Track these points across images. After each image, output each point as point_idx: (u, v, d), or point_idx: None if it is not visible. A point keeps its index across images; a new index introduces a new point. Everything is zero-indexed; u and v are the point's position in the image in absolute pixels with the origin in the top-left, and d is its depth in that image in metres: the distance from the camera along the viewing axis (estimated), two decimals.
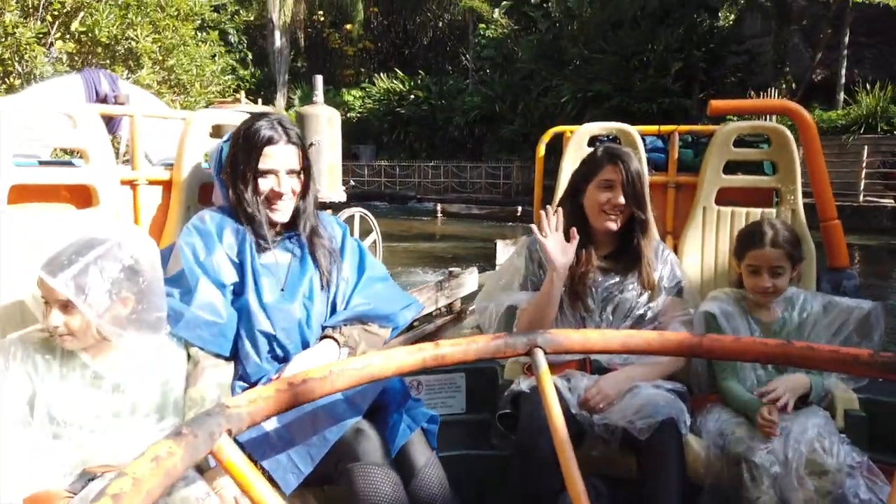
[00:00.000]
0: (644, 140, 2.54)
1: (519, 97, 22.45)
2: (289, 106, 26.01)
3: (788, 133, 2.36)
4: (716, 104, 2.34)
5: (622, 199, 1.89)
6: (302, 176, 1.75)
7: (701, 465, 1.73)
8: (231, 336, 1.66)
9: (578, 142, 2.56)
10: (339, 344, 1.68)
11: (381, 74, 27.01)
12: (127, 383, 1.54)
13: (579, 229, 1.87)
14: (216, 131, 2.29)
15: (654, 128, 2.64)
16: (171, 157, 2.26)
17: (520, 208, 18.33)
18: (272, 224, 1.74)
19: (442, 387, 2.31)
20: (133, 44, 5.69)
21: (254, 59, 29.27)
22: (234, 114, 2.36)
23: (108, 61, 5.76)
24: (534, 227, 1.87)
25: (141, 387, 1.56)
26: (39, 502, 1.40)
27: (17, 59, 4.99)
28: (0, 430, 1.43)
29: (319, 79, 6.47)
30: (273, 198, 1.72)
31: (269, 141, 1.69)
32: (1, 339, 1.59)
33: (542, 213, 1.85)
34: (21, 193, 1.82)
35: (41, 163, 1.99)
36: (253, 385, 1.64)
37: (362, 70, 30.04)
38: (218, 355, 1.64)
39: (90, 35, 5.45)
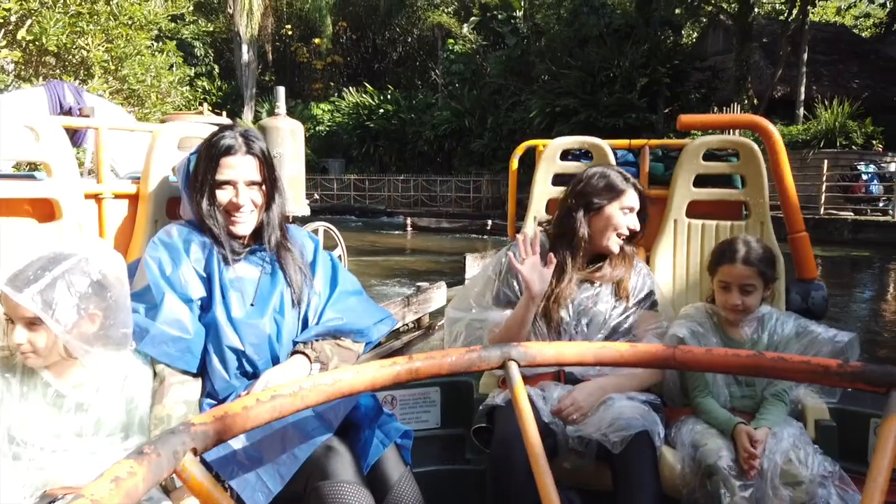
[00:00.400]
0: (615, 154, 2.56)
1: (488, 111, 22.64)
2: (256, 119, 25.79)
3: (756, 147, 2.40)
4: (685, 119, 2.35)
5: (638, 225, 1.96)
6: (264, 188, 1.71)
7: (676, 477, 1.72)
8: (198, 352, 1.62)
9: (551, 155, 2.58)
10: (310, 359, 1.64)
11: (351, 88, 27.00)
12: (90, 402, 1.50)
13: (567, 242, 1.88)
14: (181, 144, 2.26)
15: (624, 142, 2.66)
16: (138, 171, 2.23)
17: (490, 221, 18.42)
18: (235, 237, 1.71)
19: (416, 401, 2.29)
20: (84, 53, 5.57)
21: (220, 73, 29.04)
22: (202, 126, 2.34)
23: (57, 71, 5.63)
24: (510, 252, 1.87)
25: (105, 405, 1.51)
26: None
27: None
28: None
29: (282, 90, 6.38)
30: (231, 209, 1.68)
31: (228, 151, 1.66)
32: None
33: (519, 237, 1.85)
34: None
35: (2, 176, 1.96)
36: (221, 402, 1.62)
37: (331, 84, 29.99)
38: (185, 372, 1.60)
39: (38, 44, 5.32)
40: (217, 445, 0.69)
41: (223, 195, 1.67)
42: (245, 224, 1.70)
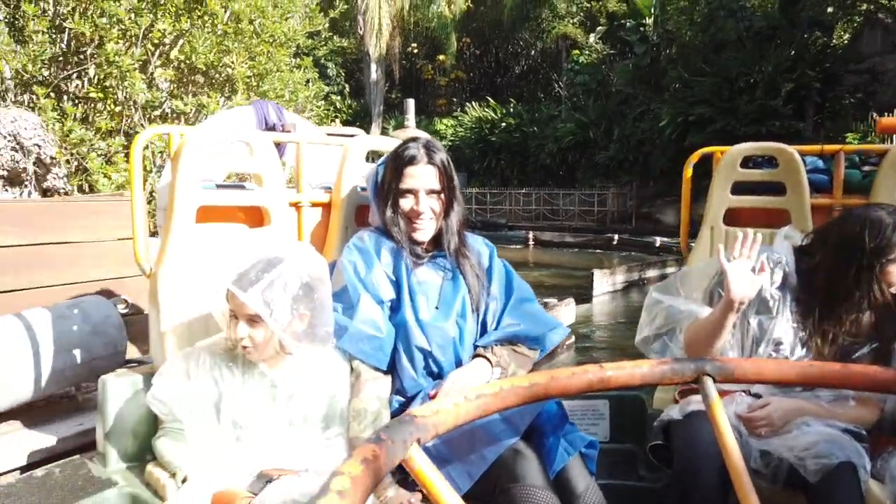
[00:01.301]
0: (804, 160, 2.38)
1: (614, 122, 21.85)
2: (383, 135, 26.46)
3: None
4: (885, 122, 2.08)
5: None
6: (443, 196, 1.80)
7: None
8: (389, 351, 1.72)
9: (731, 162, 2.44)
10: (491, 364, 1.69)
11: (473, 103, 27.08)
12: (299, 394, 1.64)
13: (845, 298, 1.70)
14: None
15: (816, 147, 2.46)
16: (326, 181, 2.44)
17: (616, 236, 17.67)
18: (416, 242, 1.81)
19: (585, 413, 2.25)
20: (230, 70, 5.69)
21: (351, 92, 30.13)
22: (389, 140, 2.52)
23: (206, 88, 5.81)
24: (720, 246, 1.74)
25: (311, 397, 1.64)
26: (224, 500, 1.48)
27: (119, 85, 5.07)
28: (196, 428, 1.57)
29: (411, 102, 6.35)
30: (412, 216, 1.79)
31: (411, 161, 1.77)
32: (189, 346, 1.74)
33: (741, 233, 1.70)
34: (202, 213, 1.98)
35: (218, 186, 2.12)
36: (409, 399, 1.71)
37: (454, 100, 30.28)
38: (377, 369, 1.70)
39: (188, 62, 5.49)
40: (433, 439, 0.71)
41: (405, 203, 1.79)
42: (424, 231, 1.81)
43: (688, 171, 2.65)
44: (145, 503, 1.69)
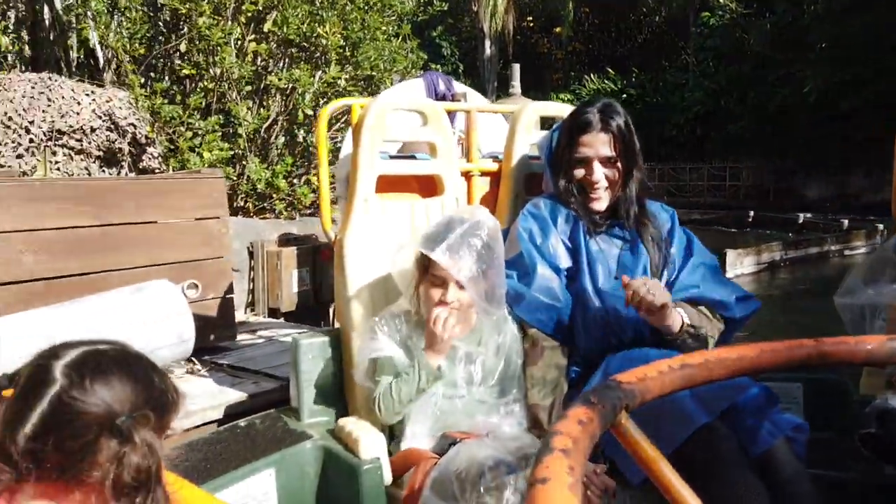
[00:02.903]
0: None
1: (749, 89, 20.00)
2: None
3: None
4: None
5: None
6: (619, 164, 1.74)
7: None
8: (567, 320, 1.70)
9: None
10: (682, 316, 1.62)
11: (591, 75, 25.88)
12: (477, 354, 1.68)
13: None
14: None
15: None
16: (494, 150, 2.44)
17: (751, 213, 16.22)
18: (593, 212, 1.77)
19: None
20: (323, 42, 5.38)
21: (465, 70, 29.81)
22: (561, 106, 2.47)
23: (301, 61, 5.54)
24: None
25: (488, 358, 1.68)
26: (411, 458, 1.57)
27: (210, 61, 4.88)
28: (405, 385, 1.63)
29: (516, 67, 5.82)
30: (587, 186, 1.75)
31: (584, 128, 1.72)
32: (371, 310, 1.87)
33: None
34: (379, 184, 2.03)
35: (391, 157, 2.16)
36: (588, 369, 1.68)
37: (571, 73, 29.14)
38: (554, 337, 1.69)
39: (280, 34, 5.22)
40: (640, 406, 0.69)
41: (579, 172, 1.76)
42: (601, 200, 1.77)
43: None
44: (337, 456, 1.77)
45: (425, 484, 1.45)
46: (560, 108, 2.41)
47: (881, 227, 11.85)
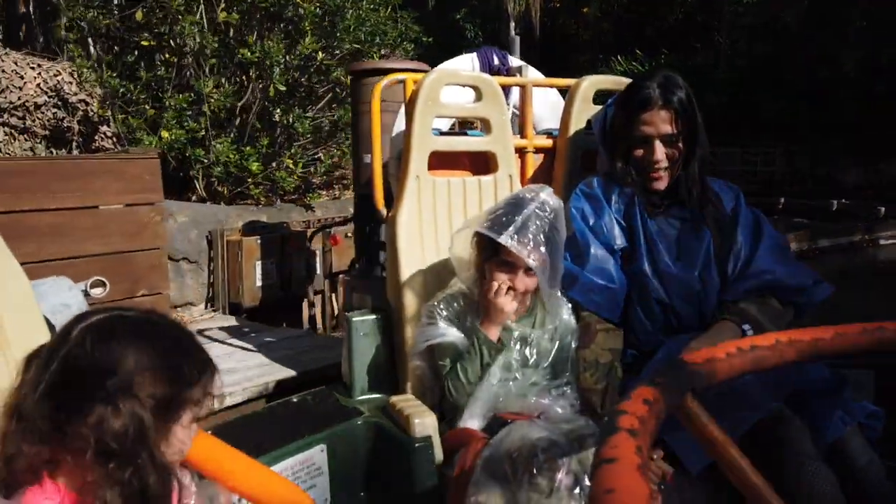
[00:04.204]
0: None
1: (784, 70, 19.13)
2: None
3: None
4: None
5: None
6: (681, 142, 1.68)
7: None
8: (622, 302, 1.67)
9: None
10: (738, 325, 1.54)
11: (619, 57, 25.08)
12: (530, 336, 1.67)
13: None
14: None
15: None
16: (548, 126, 2.41)
17: (782, 199, 15.52)
18: (652, 192, 1.71)
19: None
20: (300, 11, 4.89)
21: None
22: (619, 79, 2.38)
23: (276, 32, 5.07)
24: None
25: (542, 340, 1.67)
26: (461, 438, 1.57)
27: (168, 31, 4.44)
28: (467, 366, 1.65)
29: (517, 40, 5.21)
30: (647, 166, 1.69)
31: (644, 105, 1.66)
32: (423, 289, 1.88)
33: None
34: (431, 161, 2.01)
35: (442, 133, 2.13)
36: (644, 354, 1.66)
37: (599, 56, 28.32)
38: (608, 320, 1.65)
39: (249, 2, 4.74)
40: (706, 389, 0.66)
41: (638, 152, 1.70)
42: (661, 180, 1.71)
43: None
44: (389, 433, 1.77)
45: (476, 463, 1.42)
46: (618, 82, 2.31)
47: None
